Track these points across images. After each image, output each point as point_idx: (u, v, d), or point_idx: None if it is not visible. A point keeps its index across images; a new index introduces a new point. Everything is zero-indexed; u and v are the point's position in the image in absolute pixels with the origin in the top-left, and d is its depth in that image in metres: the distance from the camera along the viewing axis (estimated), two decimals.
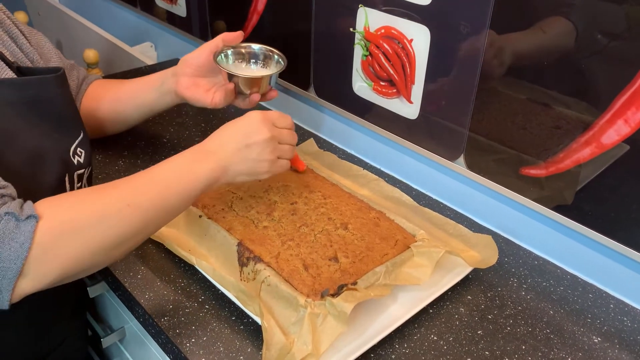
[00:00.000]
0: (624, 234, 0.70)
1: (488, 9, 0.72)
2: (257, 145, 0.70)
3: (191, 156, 0.67)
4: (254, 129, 0.70)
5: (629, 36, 0.62)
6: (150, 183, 0.63)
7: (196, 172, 0.66)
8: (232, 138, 0.69)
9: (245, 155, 0.69)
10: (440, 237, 0.78)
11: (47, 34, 1.88)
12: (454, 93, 0.81)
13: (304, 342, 0.60)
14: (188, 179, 0.65)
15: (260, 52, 0.88)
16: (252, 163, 0.70)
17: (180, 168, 0.66)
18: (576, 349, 0.66)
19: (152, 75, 0.90)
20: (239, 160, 0.69)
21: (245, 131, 0.70)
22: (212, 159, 0.67)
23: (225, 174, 0.68)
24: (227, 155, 0.68)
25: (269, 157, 0.71)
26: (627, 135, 0.65)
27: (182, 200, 0.65)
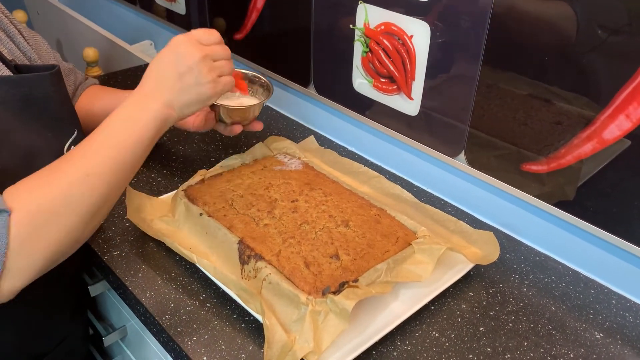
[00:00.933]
0: (626, 229, 0.69)
1: (489, 3, 0.72)
2: (191, 71, 0.66)
3: (132, 105, 0.65)
4: (182, 55, 0.66)
5: (630, 31, 0.62)
6: (101, 145, 0.61)
7: (142, 119, 0.64)
8: (165, 72, 0.66)
9: (184, 84, 0.66)
10: (442, 233, 0.77)
11: (47, 32, 1.89)
12: (454, 89, 0.81)
13: (305, 340, 0.60)
14: (137, 128, 0.63)
15: (246, 79, 0.86)
16: (194, 90, 0.67)
17: (125, 120, 0.64)
18: (578, 344, 0.66)
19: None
20: (180, 92, 0.66)
21: (174, 61, 0.66)
22: (154, 100, 0.65)
23: (172, 109, 0.66)
24: (166, 91, 0.65)
25: (209, 78, 0.67)
26: (628, 131, 0.65)
27: (137, 151, 0.63)
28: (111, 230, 0.80)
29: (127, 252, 0.76)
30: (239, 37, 1.15)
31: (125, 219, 0.81)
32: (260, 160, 0.88)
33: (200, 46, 0.67)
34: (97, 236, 0.78)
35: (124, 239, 0.78)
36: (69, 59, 1.73)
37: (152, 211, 0.80)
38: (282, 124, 1.11)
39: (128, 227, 0.80)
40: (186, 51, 0.66)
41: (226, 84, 0.70)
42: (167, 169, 0.94)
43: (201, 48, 0.67)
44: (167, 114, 0.65)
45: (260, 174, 0.83)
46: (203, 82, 0.67)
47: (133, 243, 0.77)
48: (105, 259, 0.75)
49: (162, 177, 0.92)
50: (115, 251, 0.76)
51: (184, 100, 0.67)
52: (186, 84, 0.66)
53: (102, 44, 1.49)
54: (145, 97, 0.65)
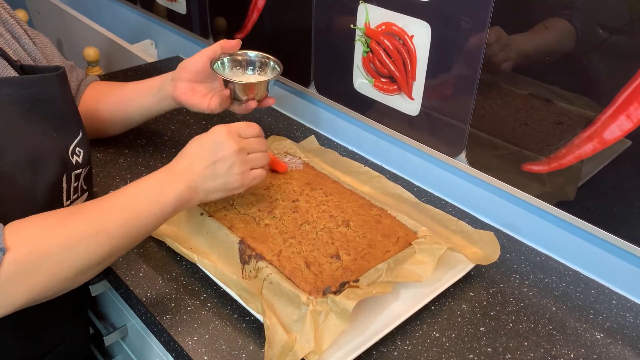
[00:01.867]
0: (627, 229, 0.69)
1: (489, 3, 0.72)
2: (224, 161, 0.68)
3: (160, 179, 0.66)
4: (220, 145, 0.68)
5: (631, 31, 0.62)
6: (119, 209, 0.62)
7: (165, 195, 0.65)
8: (199, 156, 0.68)
9: (214, 172, 0.67)
10: (442, 233, 0.77)
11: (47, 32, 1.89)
12: (455, 89, 0.81)
13: (306, 340, 0.60)
14: (157, 203, 0.64)
15: (256, 59, 0.88)
16: (222, 179, 0.68)
17: (149, 192, 0.65)
18: (578, 345, 0.66)
19: (151, 79, 0.90)
20: (208, 179, 0.67)
21: (210, 148, 0.68)
22: (181, 181, 0.66)
23: (196, 194, 0.67)
24: (196, 175, 0.67)
25: (239, 170, 0.69)
26: (629, 131, 0.65)
27: (151, 224, 0.64)
28: None
29: (127, 252, 0.76)
30: (240, 36, 1.14)
31: None
32: None
33: (239, 139, 0.69)
34: None
35: None
36: (70, 58, 1.72)
37: None
38: (282, 123, 1.11)
39: None
40: (224, 142, 0.68)
41: (256, 177, 0.71)
42: None
43: (239, 141, 0.69)
44: (191, 196, 0.67)
45: None
46: (233, 172, 0.68)
47: None
48: None
49: None
50: None
51: (210, 187, 0.68)
52: (217, 172, 0.68)
53: (102, 43, 1.49)
54: (175, 176, 0.67)
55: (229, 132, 0.69)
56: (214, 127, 0.70)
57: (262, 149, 0.73)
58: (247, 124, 0.72)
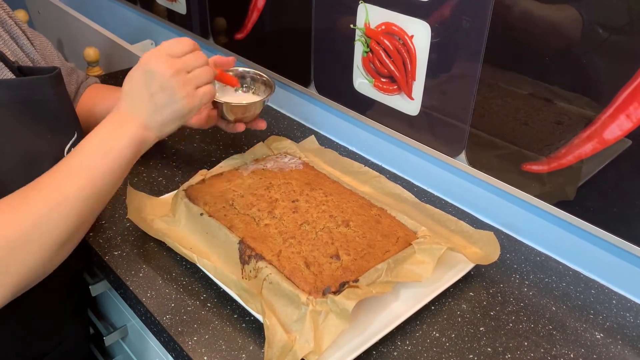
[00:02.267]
0: (627, 229, 0.69)
1: (489, 3, 0.72)
2: (163, 89, 0.62)
3: (107, 129, 0.63)
4: (152, 73, 0.62)
5: (631, 30, 0.62)
6: (74, 172, 0.59)
7: (117, 144, 0.61)
8: (136, 93, 0.63)
9: (157, 104, 0.63)
10: (442, 233, 0.77)
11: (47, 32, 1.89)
12: (455, 89, 0.81)
13: (305, 340, 0.60)
14: (111, 155, 0.61)
15: (248, 77, 0.86)
16: (169, 109, 0.64)
17: (100, 145, 0.61)
18: (578, 345, 0.66)
19: None
20: (154, 112, 0.63)
21: (143, 80, 0.63)
22: (130, 123, 0.62)
23: (150, 130, 0.64)
24: (141, 112, 0.63)
25: (183, 94, 0.63)
26: (629, 131, 0.65)
27: (112, 178, 0.61)
28: (112, 230, 0.80)
29: (127, 252, 0.76)
30: (239, 36, 1.15)
31: (126, 219, 0.81)
32: (261, 160, 0.88)
33: (171, 60, 0.63)
34: (98, 236, 0.78)
35: (125, 239, 0.78)
36: (70, 58, 1.73)
37: (153, 211, 0.80)
38: (282, 123, 1.11)
39: (129, 227, 0.80)
40: (156, 68, 0.63)
41: (205, 94, 0.66)
42: (167, 169, 0.94)
43: (172, 63, 0.63)
44: (144, 135, 0.63)
45: (260, 173, 0.83)
46: (177, 98, 0.63)
47: (134, 243, 0.78)
48: (106, 258, 0.75)
49: (163, 176, 0.92)
50: (116, 251, 0.76)
51: (159, 120, 0.64)
52: (160, 103, 0.63)
53: (102, 43, 1.49)
54: (120, 121, 0.63)
55: (158, 55, 0.63)
56: (143, 55, 0.64)
57: (200, 63, 0.66)
58: (176, 40, 0.66)
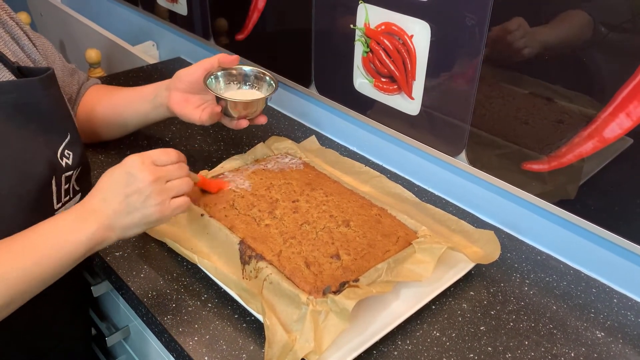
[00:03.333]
0: (628, 228, 0.69)
1: (488, 2, 0.72)
2: (139, 193, 0.63)
3: (71, 219, 0.62)
4: (133, 176, 0.63)
5: (630, 28, 0.62)
6: (22, 253, 0.59)
7: (75, 237, 0.61)
8: (112, 190, 0.63)
9: (129, 206, 0.63)
10: (443, 233, 0.77)
11: (50, 34, 1.89)
12: (455, 88, 0.81)
13: (306, 340, 0.60)
14: (66, 245, 0.60)
15: (251, 74, 0.87)
16: (139, 213, 0.63)
17: (57, 234, 0.61)
18: (579, 344, 0.66)
19: (148, 86, 0.90)
20: (123, 214, 0.63)
21: (123, 180, 0.63)
22: (94, 220, 0.62)
23: (111, 232, 0.63)
24: (110, 212, 0.62)
25: (157, 201, 0.63)
26: (629, 129, 0.65)
27: (59, 268, 0.60)
28: None
29: (129, 253, 0.76)
30: (240, 37, 1.15)
31: None
32: (261, 161, 0.88)
33: (154, 168, 0.64)
34: None
35: (126, 240, 0.78)
36: (72, 60, 1.74)
37: None
38: (283, 124, 1.11)
39: None
40: (137, 173, 0.63)
41: (177, 207, 0.66)
42: None
43: (153, 170, 0.64)
44: (105, 236, 0.63)
45: (261, 174, 0.83)
46: (149, 205, 0.63)
47: (135, 244, 0.78)
48: (108, 259, 0.75)
49: None
50: (118, 252, 0.76)
51: (126, 222, 0.63)
52: (132, 206, 0.63)
53: (104, 45, 1.50)
54: (85, 216, 0.62)
55: (142, 161, 0.64)
56: (127, 158, 0.65)
57: (181, 174, 0.67)
58: (162, 151, 0.67)
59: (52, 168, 0.69)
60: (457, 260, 0.74)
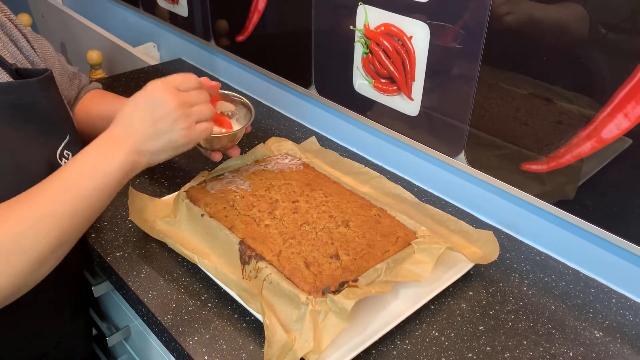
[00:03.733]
0: (627, 228, 0.69)
1: (487, 3, 0.72)
2: (165, 118, 0.64)
3: (99, 148, 0.63)
4: (158, 101, 0.64)
5: (629, 28, 0.62)
6: (62, 188, 0.59)
7: (108, 164, 0.61)
8: (138, 117, 0.64)
9: (157, 131, 0.64)
10: (442, 233, 0.78)
11: (51, 35, 1.90)
12: (454, 89, 0.81)
13: (305, 339, 0.61)
14: (101, 174, 0.61)
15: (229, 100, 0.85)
16: (167, 137, 0.64)
17: (89, 164, 0.61)
18: (578, 343, 0.66)
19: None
20: (151, 139, 0.64)
21: (149, 106, 0.64)
22: (123, 146, 0.62)
23: (141, 156, 0.64)
24: (138, 137, 0.63)
25: (184, 125, 0.65)
26: (627, 130, 0.65)
27: (98, 198, 0.61)
28: (114, 231, 0.80)
29: (129, 253, 0.77)
30: (240, 38, 1.15)
31: (128, 220, 0.82)
32: (261, 162, 0.89)
33: (177, 92, 0.65)
34: (99, 237, 0.79)
35: (127, 240, 0.79)
36: (73, 61, 1.74)
37: (154, 212, 0.80)
38: (283, 124, 1.11)
39: (130, 228, 0.81)
40: (162, 97, 0.64)
41: (203, 131, 0.67)
42: (169, 170, 0.94)
43: (178, 94, 0.65)
44: (135, 161, 0.63)
45: (261, 174, 0.84)
46: (177, 129, 0.64)
47: (135, 244, 0.78)
48: (108, 259, 0.75)
49: (165, 178, 0.92)
50: (118, 252, 0.77)
51: (155, 147, 0.64)
52: (159, 130, 0.64)
53: (105, 46, 1.50)
54: (115, 142, 0.63)
55: (166, 86, 0.65)
56: (148, 83, 0.65)
57: (203, 100, 0.68)
58: (183, 75, 0.67)
59: (52, 168, 0.69)
60: (456, 261, 0.74)
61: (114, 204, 0.85)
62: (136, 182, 0.91)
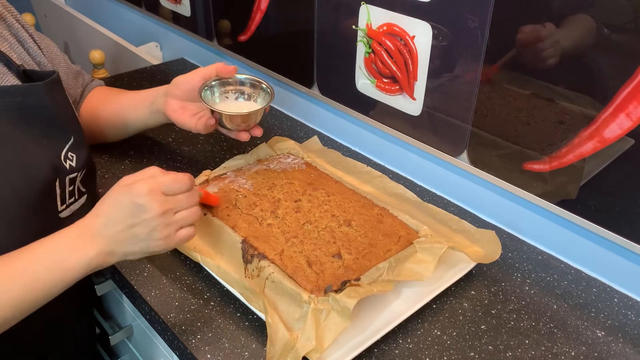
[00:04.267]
0: (629, 228, 0.70)
1: (489, 4, 0.72)
2: (145, 225, 0.60)
3: (70, 241, 0.60)
4: (140, 207, 0.60)
5: (631, 29, 0.62)
6: (15, 275, 0.57)
7: (73, 261, 0.59)
8: (116, 217, 0.60)
9: (133, 236, 0.61)
10: (444, 232, 0.78)
11: (54, 35, 1.90)
12: (456, 89, 0.81)
13: (307, 338, 0.61)
14: (62, 268, 0.59)
15: (247, 83, 0.85)
16: (143, 244, 0.61)
17: (54, 256, 0.59)
18: (579, 342, 0.66)
19: (146, 91, 0.89)
20: (126, 242, 0.61)
21: (129, 209, 0.60)
22: (94, 245, 0.60)
23: (111, 257, 0.61)
24: (112, 239, 0.60)
25: (163, 235, 0.61)
26: (629, 129, 0.65)
27: (54, 290, 0.59)
28: None
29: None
30: (243, 38, 1.15)
31: None
32: (264, 161, 0.89)
33: (163, 199, 0.61)
34: None
35: None
36: (76, 61, 1.74)
37: None
38: (286, 124, 1.11)
39: None
40: (145, 203, 0.60)
41: (183, 238, 0.64)
42: (172, 169, 0.94)
43: (163, 202, 0.61)
44: (103, 260, 0.61)
45: (263, 174, 0.84)
46: (154, 238, 0.61)
47: None
48: None
49: None
50: None
51: (128, 250, 0.62)
52: (136, 236, 0.61)
53: (108, 46, 1.50)
54: (87, 239, 0.60)
55: (151, 191, 0.61)
56: (135, 184, 0.61)
57: (192, 204, 0.64)
58: (174, 179, 0.63)
59: (56, 170, 0.69)
60: (458, 260, 0.74)
61: None
62: None
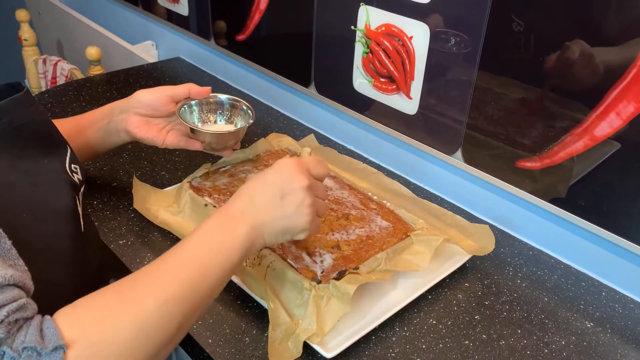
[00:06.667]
0: (616, 224, 0.72)
1: (486, 6, 0.75)
2: (294, 196, 0.59)
3: (218, 225, 0.57)
4: (289, 178, 0.59)
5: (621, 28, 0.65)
6: (183, 266, 0.53)
7: (232, 241, 0.56)
8: (262, 190, 0.59)
9: (284, 208, 0.59)
10: (439, 227, 0.80)
11: (48, 32, 1.90)
12: (452, 89, 0.83)
13: (308, 323, 0.62)
14: (222, 252, 0.56)
15: (227, 103, 0.85)
16: (291, 218, 0.59)
17: (211, 240, 0.56)
18: (569, 333, 0.69)
19: (99, 111, 0.82)
20: (275, 217, 0.59)
21: (277, 181, 0.59)
22: (242, 223, 0.57)
23: (260, 236, 0.59)
24: (260, 212, 0.58)
25: (309, 210, 0.60)
26: (618, 128, 0.68)
27: (221, 276, 0.55)
28: (117, 220, 0.81)
29: (132, 241, 0.78)
30: (241, 38, 1.17)
31: (131, 210, 0.83)
32: (263, 156, 0.90)
33: (309, 174, 0.61)
34: (103, 225, 0.80)
35: (130, 229, 0.80)
36: (70, 58, 1.75)
37: (158, 202, 0.82)
38: (282, 123, 1.13)
39: (133, 217, 0.82)
40: (295, 174, 0.59)
41: (318, 226, 0.63)
42: (170, 163, 0.96)
43: (309, 176, 0.61)
44: (255, 239, 0.58)
45: (263, 168, 0.85)
46: (303, 211, 0.60)
47: (139, 233, 0.79)
48: (112, 247, 0.76)
49: (166, 171, 0.94)
50: (121, 240, 0.78)
51: (277, 227, 0.59)
52: (285, 207, 0.59)
53: (103, 43, 1.51)
54: (233, 219, 0.58)
55: (299, 164, 0.61)
56: (279, 161, 0.62)
57: (325, 196, 0.65)
58: (318, 160, 0.64)
59: (71, 185, 0.61)
60: (453, 253, 0.76)
61: (116, 194, 0.86)
62: (138, 174, 0.92)
